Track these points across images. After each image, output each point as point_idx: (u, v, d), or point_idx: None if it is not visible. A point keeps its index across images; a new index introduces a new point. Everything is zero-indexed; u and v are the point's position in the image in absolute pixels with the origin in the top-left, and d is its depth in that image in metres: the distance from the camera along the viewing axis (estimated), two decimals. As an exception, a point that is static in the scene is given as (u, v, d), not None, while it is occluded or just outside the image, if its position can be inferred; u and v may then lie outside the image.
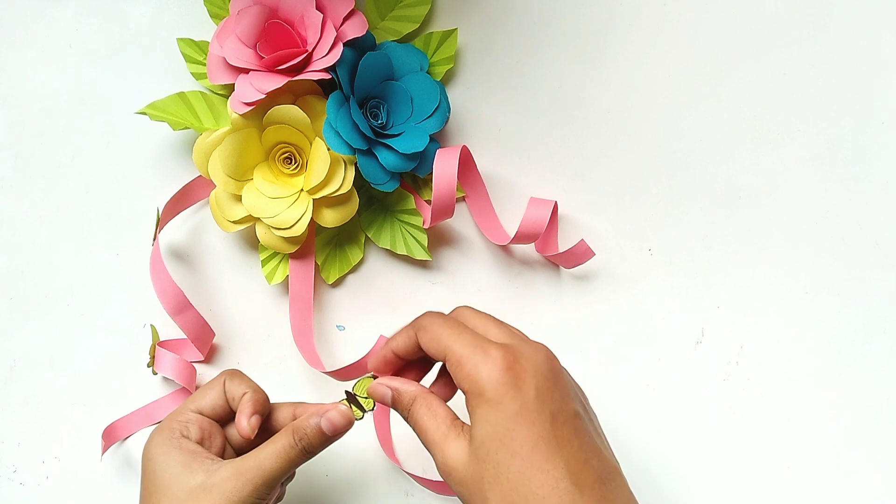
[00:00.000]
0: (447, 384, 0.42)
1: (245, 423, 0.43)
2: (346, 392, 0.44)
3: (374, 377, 0.42)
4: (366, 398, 0.43)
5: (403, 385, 0.40)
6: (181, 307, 0.49)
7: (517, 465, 0.35)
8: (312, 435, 0.42)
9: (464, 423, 0.38)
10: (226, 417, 0.45)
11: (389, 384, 0.41)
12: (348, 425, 0.43)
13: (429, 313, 0.41)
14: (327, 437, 0.42)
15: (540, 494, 0.34)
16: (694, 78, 0.51)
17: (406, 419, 0.40)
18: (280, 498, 0.47)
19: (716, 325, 0.51)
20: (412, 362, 0.42)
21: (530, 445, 0.35)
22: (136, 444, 0.53)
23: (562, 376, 0.38)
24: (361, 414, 0.44)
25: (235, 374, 0.46)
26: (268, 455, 0.41)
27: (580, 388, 0.40)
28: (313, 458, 0.43)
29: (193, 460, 0.42)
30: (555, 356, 0.39)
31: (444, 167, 0.47)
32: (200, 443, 0.43)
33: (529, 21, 0.51)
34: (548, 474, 0.35)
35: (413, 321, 0.41)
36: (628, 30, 0.51)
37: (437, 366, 0.43)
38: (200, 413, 0.44)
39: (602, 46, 0.51)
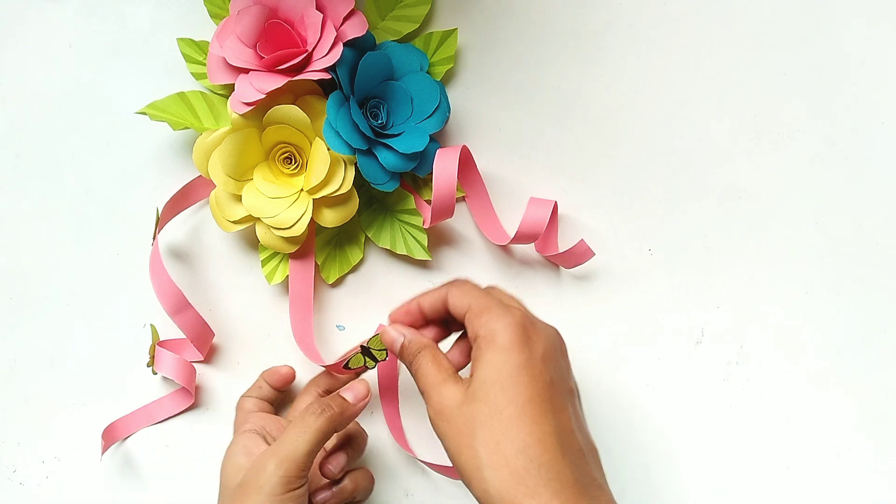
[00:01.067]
0: (461, 353, 0.44)
1: (327, 467, 0.47)
2: (361, 346, 0.46)
3: None
4: (379, 350, 0.46)
5: (415, 335, 0.43)
6: (180, 307, 0.49)
7: (511, 411, 0.37)
8: (335, 402, 0.44)
9: (462, 377, 0.40)
10: (275, 396, 0.51)
11: (402, 331, 0.43)
12: (368, 393, 0.46)
13: (464, 279, 0.43)
14: (348, 404, 0.45)
15: (527, 442, 0.36)
16: (694, 78, 0.51)
17: (409, 366, 0.42)
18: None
19: (716, 325, 0.51)
20: (432, 324, 0.44)
21: (527, 397, 0.37)
22: (136, 444, 0.53)
23: (566, 357, 0.41)
24: (374, 363, 0.47)
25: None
26: (297, 433, 0.43)
27: (576, 383, 0.42)
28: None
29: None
30: (564, 341, 0.41)
31: (445, 167, 0.47)
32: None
33: (529, 21, 0.51)
34: (538, 426, 0.37)
35: (448, 282, 0.43)
36: (628, 30, 0.51)
37: (454, 336, 0.45)
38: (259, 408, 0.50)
39: (602, 46, 0.51)
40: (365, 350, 0.46)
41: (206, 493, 0.50)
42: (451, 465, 0.49)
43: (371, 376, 0.51)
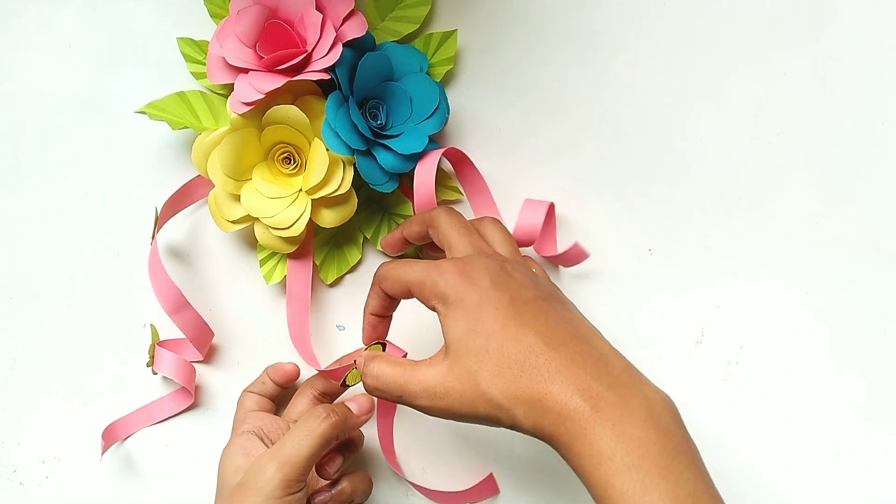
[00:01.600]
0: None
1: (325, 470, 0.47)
2: (356, 360, 0.46)
3: (383, 346, 0.45)
4: None
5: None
6: (179, 307, 0.49)
7: (494, 344, 0.38)
8: (339, 410, 0.45)
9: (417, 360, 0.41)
10: (277, 392, 0.51)
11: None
12: (372, 409, 0.48)
13: (381, 265, 0.44)
14: (352, 414, 0.47)
15: (518, 360, 0.38)
16: (694, 78, 0.51)
17: (365, 380, 0.42)
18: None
19: (716, 325, 0.51)
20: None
21: (499, 325, 0.39)
22: (135, 444, 0.53)
23: (515, 276, 0.41)
24: None
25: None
26: (300, 437, 0.44)
27: (552, 285, 0.43)
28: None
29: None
30: (512, 265, 0.42)
31: (423, 175, 0.47)
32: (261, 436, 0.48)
33: (529, 22, 0.51)
34: (521, 343, 0.38)
35: (373, 279, 0.44)
36: (628, 30, 0.51)
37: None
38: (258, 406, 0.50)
39: (602, 46, 0.51)
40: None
41: (206, 493, 0.50)
42: (437, 489, 0.50)
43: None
